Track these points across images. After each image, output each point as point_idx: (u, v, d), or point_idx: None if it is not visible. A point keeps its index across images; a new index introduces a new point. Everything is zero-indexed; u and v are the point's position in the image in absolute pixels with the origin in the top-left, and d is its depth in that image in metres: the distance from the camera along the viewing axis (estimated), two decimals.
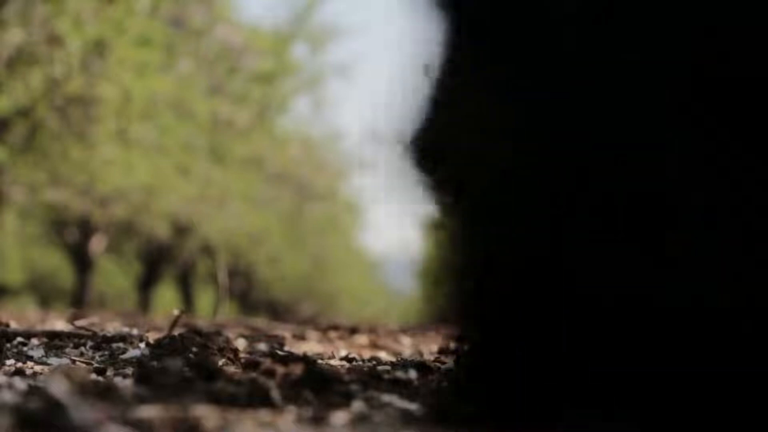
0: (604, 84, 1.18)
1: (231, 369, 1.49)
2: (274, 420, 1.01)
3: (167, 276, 19.10)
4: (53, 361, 1.68)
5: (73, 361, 1.67)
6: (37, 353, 1.73)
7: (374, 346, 2.69)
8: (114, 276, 20.96)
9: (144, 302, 16.51)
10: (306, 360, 1.86)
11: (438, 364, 1.67)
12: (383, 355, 2.39)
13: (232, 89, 11.93)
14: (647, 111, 1.16)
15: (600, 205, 1.17)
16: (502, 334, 1.23)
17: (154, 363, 1.29)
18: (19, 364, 1.59)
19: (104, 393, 1.03)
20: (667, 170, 1.16)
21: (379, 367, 1.63)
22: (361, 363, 1.82)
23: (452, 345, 1.45)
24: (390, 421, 1.03)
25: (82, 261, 14.04)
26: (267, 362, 1.65)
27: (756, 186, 1.14)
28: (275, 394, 1.09)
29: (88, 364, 1.63)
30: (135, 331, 1.95)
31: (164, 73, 9.14)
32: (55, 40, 6.90)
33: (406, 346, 2.71)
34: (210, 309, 15.79)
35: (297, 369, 1.62)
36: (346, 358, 1.94)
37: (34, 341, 1.86)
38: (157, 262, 16.14)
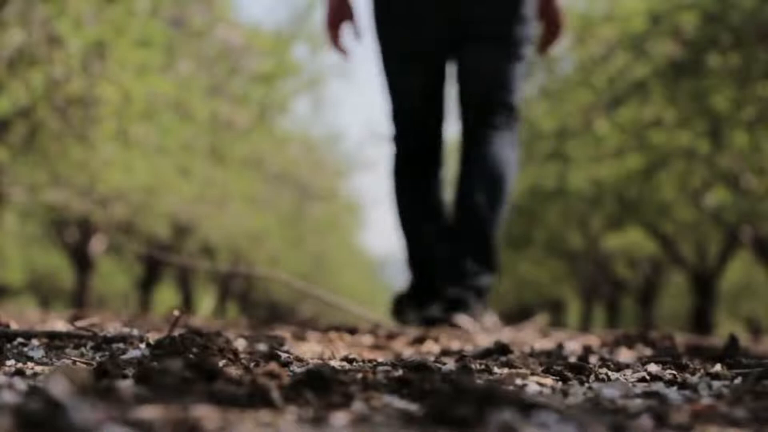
0: None
1: (231, 369, 1.49)
2: (275, 420, 1.01)
3: (167, 276, 19.11)
4: (53, 361, 1.68)
5: (74, 362, 1.67)
6: (38, 354, 1.73)
7: (374, 346, 2.69)
8: (114, 276, 20.97)
9: (144, 302, 16.51)
10: (306, 361, 1.86)
11: (438, 364, 1.68)
12: (383, 356, 2.39)
13: (232, 90, 11.93)
14: None
15: None
16: None
17: (154, 363, 1.29)
18: (20, 365, 1.59)
19: (104, 393, 1.03)
20: None
21: (379, 368, 1.64)
22: (361, 363, 1.82)
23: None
24: (390, 422, 1.03)
25: (82, 261, 14.04)
26: (267, 363, 1.65)
27: None
28: (275, 394, 1.09)
29: (88, 364, 1.63)
30: (135, 332, 1.95)
31: (164, 74, 9.14)
32: (55, 41, 6.91)
33: (407, 347, 2.71)
34: (210, 309, 15.79)
35: (297, 369, 1.62)
36: (347, 359, 1.94)
37: (35, 342, 1.86)
38: (157, 262, 16.15)
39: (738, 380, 1.58)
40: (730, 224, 10.55)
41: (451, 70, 3.69)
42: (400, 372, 1.51)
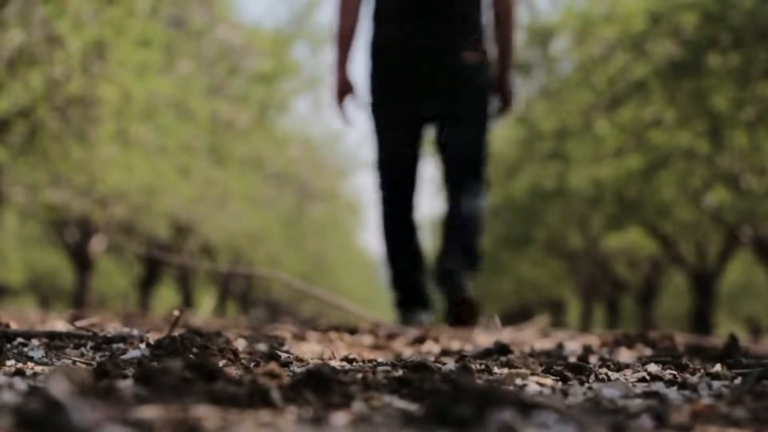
0: None
1: (231, 369, 1.49)
2: (275, 420, 1.01)
3: (167, 276, 19.11)
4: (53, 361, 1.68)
5: (74, 362, 1.67)
6: (38, 354, 1.73)
7: (374, 346, 2.69)
8: (114, 276, 20.97)
9: (144, 302, 16.51)
10: (306, 361, 1.86)
11: (438, 364, 1.68)
12: (383, 356, 2.39)
13: (232, 90, 11.93)
14: None
15: None
16: None
17: (154, 363, 1.30)
18: (20, 365, 1.59)
19: (104, 393, 1.03)
20: None
21: (379, 368, 1.64)
22: (361, 364, 1.82)
23: None
24: (390, 422, 1.03)
25: (82, 261, 14.04)
26: (267, 363, 1.65)
27: None
28: (275, 394, 1.09)
29: (88, 364, 1.63)
30: (135, 332, 1.95)
31: (164, 74, 9.14)
32: (55, 41, 6.90)
33: (407, 347, 2.71)
34: (210, 309, 15.79)
35: (297, 369, 1.62)
36: (347, 359, 1.94)
37: (35, 342, 1.86)
38: (157, 262, 16.14)
39: (738, 380, 1.58)
40: (730, 224, 10.55)
41: (428, 132, 4.49)
42: (400, 372, 1.51)
